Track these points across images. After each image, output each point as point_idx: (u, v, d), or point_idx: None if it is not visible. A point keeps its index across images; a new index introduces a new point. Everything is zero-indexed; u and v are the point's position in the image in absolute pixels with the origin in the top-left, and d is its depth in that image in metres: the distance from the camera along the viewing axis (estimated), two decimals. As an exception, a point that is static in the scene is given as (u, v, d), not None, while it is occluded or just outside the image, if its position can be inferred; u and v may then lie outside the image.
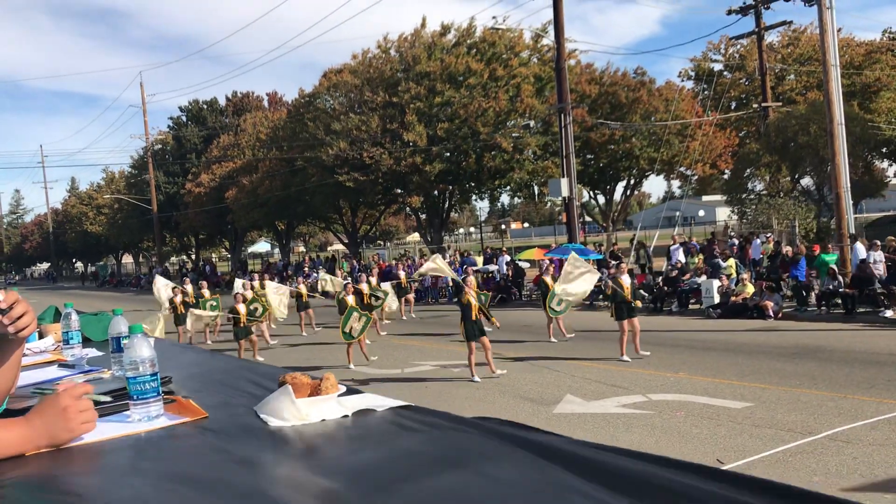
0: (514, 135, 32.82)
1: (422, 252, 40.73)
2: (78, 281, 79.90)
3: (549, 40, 29.86)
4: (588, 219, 44.05)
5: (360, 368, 13.59)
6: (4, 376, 1.67)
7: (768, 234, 23.05)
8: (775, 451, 7.41)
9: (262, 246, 78.34)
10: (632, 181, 39.25)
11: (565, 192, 24.17)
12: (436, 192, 37.26)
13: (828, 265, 17.74)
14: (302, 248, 73.04)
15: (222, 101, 56.67)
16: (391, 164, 33.64)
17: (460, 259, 28.70)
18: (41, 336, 3.11)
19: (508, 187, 38.39)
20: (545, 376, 11.91)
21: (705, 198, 65.10)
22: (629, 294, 12.77)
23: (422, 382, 12.20)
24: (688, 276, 20.49)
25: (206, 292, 19.43)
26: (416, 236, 54.07)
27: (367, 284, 17.68)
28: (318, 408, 1.58)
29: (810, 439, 7.70)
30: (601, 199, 40.87)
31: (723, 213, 49.33)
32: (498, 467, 1.21)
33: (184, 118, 55.91)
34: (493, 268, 27.54)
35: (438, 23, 36.75)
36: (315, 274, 33.68)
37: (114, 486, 1.26)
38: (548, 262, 19.11)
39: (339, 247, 59.10)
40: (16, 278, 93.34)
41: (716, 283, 18.69)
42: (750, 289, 17.77)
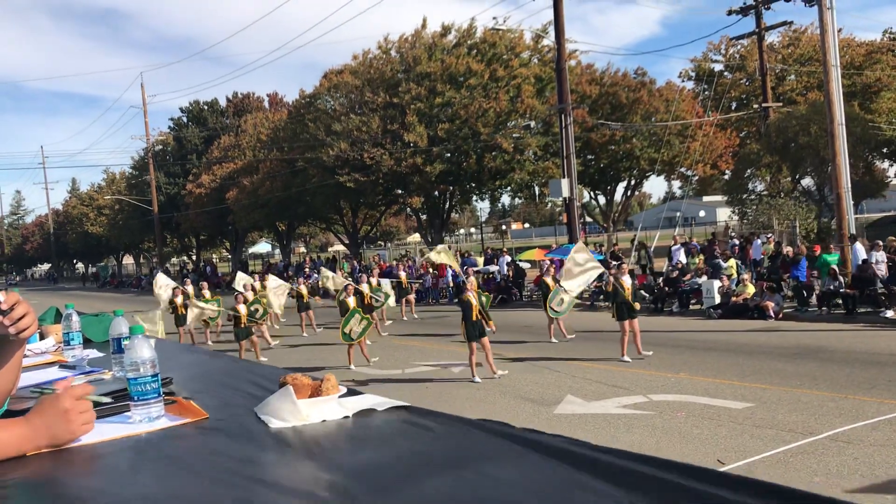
0: (514, 135, 32.82)
1: (422, 253, 40.77)
2: (79, 282, 79.95)
3: (549, 41, 29.87)
4: (589, 219, 44.05)
5: (360, 369, 13.59)
6: (5, 377, 1.67)
7: (769, 235, 23.04)
8: (776, 452, 7.40)
9: (262, 247, 78.37)
10: (632, 182, 39.25)
11: (566, 192, 24.17)
12: (436, 192, 37.26)
13: (829, 265, 17.75)
14: (303, 249, 73.05)
15: (223, 102, 56.76)
16: (392, 165, 33.65)
17: (461, 260, 28.70)
18: (42, 337, 3.11)
19: (509, 188, 38.38)
20: (546, 377, 11.91)
21: (706, 198, 65.07)
22: (630, 295, 12.79)
23: (422, 383, 12.20)
24: (688, 276, 20.49)
25: (207, 293, 19.47)
26: (416, 237, 54.08)
27: (367, 285, 17.69)
28: (319, 409, 1.58)
29: (811, 440, 7.70)
30: (602, 199, 40.86)
31: (723, 214, 49.30)
32: (499, 468, 1.21)
33: (184, 119, 55.96)
34: (494, 268, 27.54)
35: (439, 23, 36.77)
36: (316, 275, 33.74)
37: (115, 488, 1.26)
38: (548, 263, 19.10)
39: (339, 247, 59.11)
40: (17, 279, 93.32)
41: (716, 283, 18.69)
42: (751, 289, 17.77)
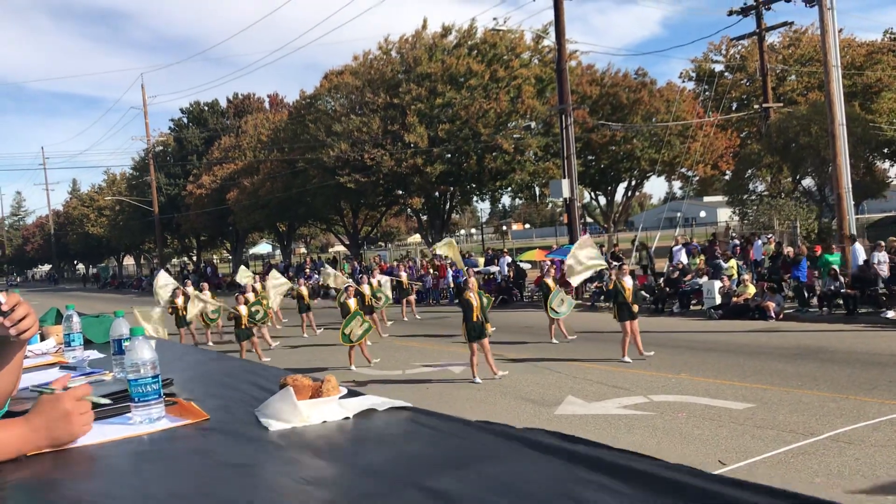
0: (515, 136, 32.81)
1: (423, 253, 40.76)
2: (79, 283, 79.97)
3: (549, 41, 29.86)
4: (589, 220, 44.01)
5: (361, 370, 13.59)
6: (6, 379, 1.67)
7: (770, 235, 23.02)
8: (777, 453, 7.40)
9: (263, 247, 78.36)
10: (633, 182, 39.22)
11: (566, 193, 24.16)
12: (437, 193, 37.25)
13: (830, 265, 17.72)
14: (303, 250, 73.05)
15: (223, 103, 56.78)
16: (392, 166, 33.65)
17: (461, 260, 28.70)
18: (43, 338, 3.11)
19: (509, 188, 38.35)
20: (546, 377, 11.91)
21: (706, 199, 65.03)
22: (630, 296, 12.79)
23: (423, 384, 12.20)
24: (689, 277, 20.48)
25: (208, 294, 19.46)
26: (417, 237, 54.06)
27: (368, 286, 17.68)
28: (320, 410, 1.58)
29: (812, 440, 7.69)
30: (602, 200, 40.83)
31: (724, 214, 49.28)
32: (501, 468, 1.21)
33: (185, 120, 55.97)
34: (495, 269, 27.54)
35: (439, 24, 36.78)
36: (316, 275, 33.73)
37: (115, 489, 1.26)
38: (549, 264, 19.09)
39: (340, 248, 59.12)
40: (17, 280, 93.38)
41: (717, 283, 18.68)
42: (751, 290, 17.76)
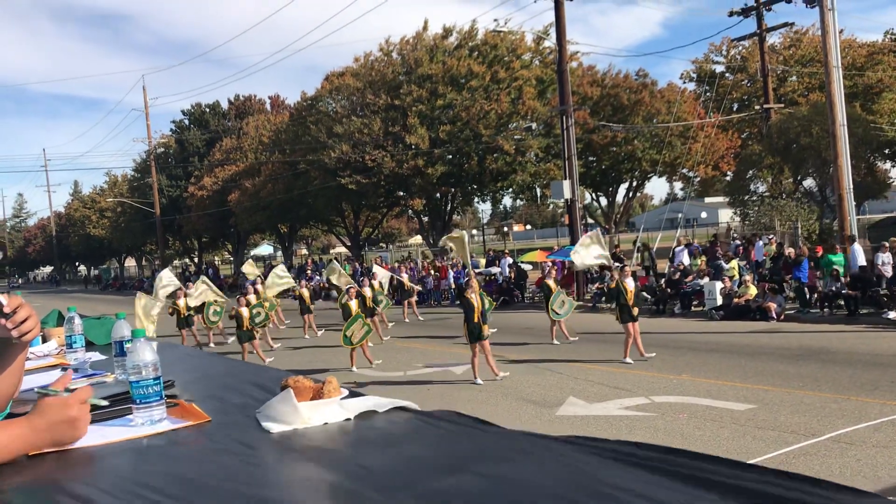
0: (516, 137, 32.82)
1: (424, 255, 40.76)
2: (81, 284, 79.98)
3: (550, 42, 29.87)
4: (590, 221, 43.99)
5: (362, 371, 13.59)
6: (8, 381, 1.67)
7: (771, 236, 22.99)
8: (778, 453, 7.39)
9: (264, 249, 78.39)
10: (634, 183, 39.23)
11: (567, 194, 24.16)
12: (438, 194, 37.27)
13: (833, 266, 17.67)
14: (304, 251, 73.06)
15: (225, 105, 56.83)
16: (393, 167, 33.66)
17: (462, 261, 28.70)
18: (44, 340, 3.11)
19: (510, 189, 38.36)
20: (548, 378, 11.90)
21: (707, 199, 64.97)
22: (632, 298, 12.78)
23: (424, 385, 12.20)
24: (690, 277, 20.47)
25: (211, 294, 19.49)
26: (418, 239, 54.04)
27: (369, 289, 17.63)
28: (321, 411, 1.58)
29: (813, 441, 7.69)
30: (603, 200, 40.84)
31: (725, 215, 49.24)
32: (502, 468, 1.21)
33: (186, 121, 56.02)
34: (496, 270, 27.52)
35: (440, 25, 36.88)
36: (318, 276, 33.74)
37: (116, 491, 1.26)
38: (550, 265, 19.08)
39: (341, 249, 59.12)
40: (19, 282, 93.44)
41: (718, 284, 18.66)
42: (753, 290, 17.75)
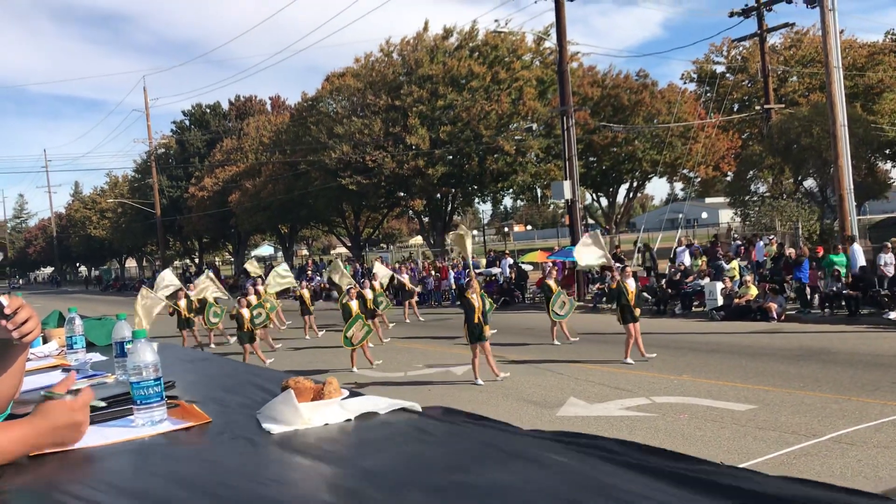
0: (516, 137, 32.81)
1: (425, 255, 40.77)
2: (81, 285, 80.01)
3: (551, 43, 29.87)
4: (591, 221, 43.98)
5: (363, 372, 13.59)
6: (9, 382, 1.67)
7: (771, 236, 23.00)
8: (779, 454, 7.39)
9: (265, 249, 78.36)
10: (634, 183, 39.23)
11: (568, 194, 24.16)
12: (438, 195, 37.27)
13: (834, 266, 17.63)
14: (305, 252, 73.06)
15: (225, 105, 56.85)
16: (394, 168, 33.67)
17: (463, 262, 28.69)
18: (45, 341, 3.11)
19: (511, 190, 38.37)
20: (548, 379, 11.90)
21: (708, 200, 64.96)
22: (633, 298, 12.78)
23: (425, 386, 12.20)
24: (691, 278, 20.46)
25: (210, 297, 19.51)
26: (418, 239, 54.07)
27: (370, 290, 17.60)
28: (321, 412, 1.58)
29: (814, 442, 7.68)
30: (604, 201, 40.86)
31: (726, 216, 49.22)
32: (503, 469, 1.21)
33: (187, 122, 56.05)
34: (497, 271, 27.51)
35: (441, 26, 36.88)
36: (318, 277, 33.75)
37: (117, 492, 1.26)
38: (551, 265, 19.08)
39: (342, 250, 59.11)
40: (19, 283, 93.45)
41: (719, 285, 18.66)
42: (753, 291, 17.74)
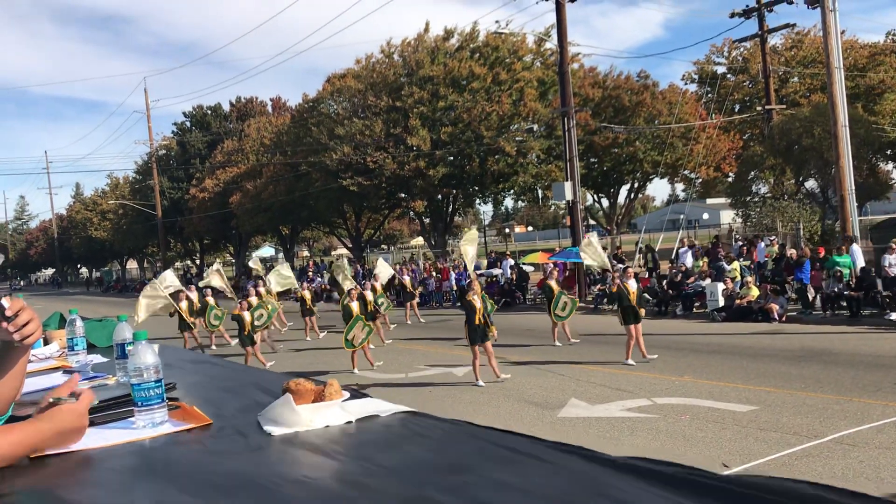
0: (517, 138, 32.81)
1: (426, 256, 40.76)
2: (83, 287, 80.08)
3: (552, 44, 29.87)
4: (592, 222, 44.00)
5: (364, 373, 13.59)
6: (10, 384, 1.67)
7: (773, 237, 22.98)
8: (781, 455, 7.38)
9: (266, 250, 78.33)
10: (636, 184, 39.25)
11: (569, 195, 24.16)
12: (439, 196, 37.27)
13: (837, 266, 17.57)
14: (306, 253, 73.09)
15: (226, 107, 56.85)
16: (395, 169, 33.67)
17: (464, 263, 28.66)
18: (46, 342, 3.11)
19: (512, 191, 38.39)
20: (550, 380, 11.90)
21: (709, 201, 64.96)
22: (635, 299, 12.78)
23: (426, 387, 12.19)
24: (692, 279, 20.45)
25: (211, 299, 19.49)
26: (419, 240, 54.02)
27: (371, 292, 17.60)
28: (322, 414, 1.58)
29: (816, 443, 7.67)
30: (605, 202, 40.87)
31: (727, 216, 49.22)
32: (504, 472, 1.21)
33: (188, 124, 56.08)
34: (498, 272, 27.50)
35: (442, 27, 36.89)
36: (319, 278, 33.76)
37: (118, 494, 1.26)
38: (552, 266, 19.09)
39: (343, 251, 59.12)
40: (21, 284, 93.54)
41: (720, 286, 18.65)
42: (755, 292, 17.72)
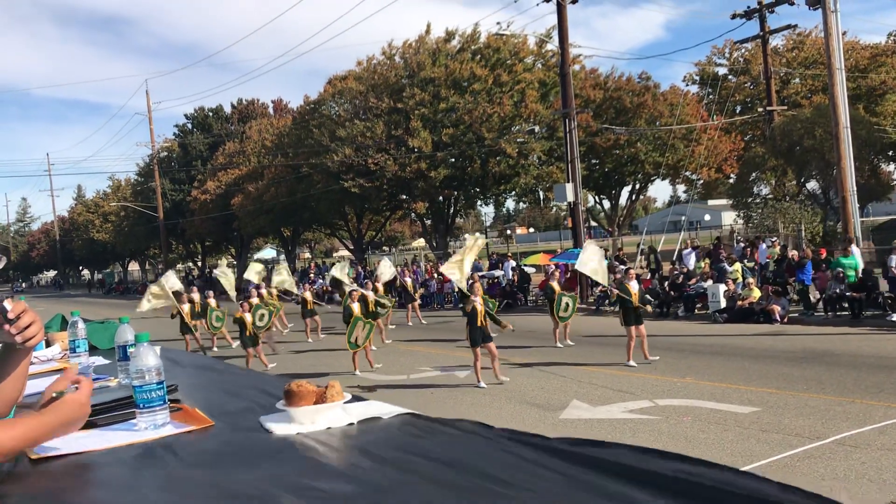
0: (518, 140, 32.83)
1: (427, 258, 40.75)
2: (84, 288, 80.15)
3: (553, 46, 29.89)
4: (594, 223, 44.03)
5: (365, 375, 13.58)
6: (12, 386, 1.68)
7: (774, 238, 22.96)
8: (783, 456, 7.37)
9: (267, 252, 78.36)
10: (637, 186, 39.23)
11: (570, 196, 24.16)
12: (441, 197, 37.29)
13: (840, 267, 17.52)
14: (307, 255, 73.09)
15: (228, 109, 56.87)
16: (396, 170, 33.68)
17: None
18: (48, 344, 3.11)
19: (513, 192, 38.39)
20: (551, 382, 11.89)
21: (711, 202, 64.91)
22: (636, 300, 12.77)
23: (427, 389, 12.18)
24: (694, 280, 20.44)
25: (213, 301, 19.51)
26: (421, 242, 54.06)
27: (372, 292, 17.62)
28: (324, 416, 1.58)
29: (818, 444, 7.66)
30: (606, 203, 40.86)
31: (728, 218, 49.17)
32: (505, 474, 1.21)
33: (189, 126, 56.11)
34: (499, 273, 27.49)
35: (443, 29, 36.78)
36: (320, 280, 33.75)
37: (119, 496, 1.26)
38: (553, 268, 19.09)
39: (344, 253, 59.16)
40: (22, 286, 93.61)
41: (722, 287, 18.62)
42: (756, 293, 17.71)
